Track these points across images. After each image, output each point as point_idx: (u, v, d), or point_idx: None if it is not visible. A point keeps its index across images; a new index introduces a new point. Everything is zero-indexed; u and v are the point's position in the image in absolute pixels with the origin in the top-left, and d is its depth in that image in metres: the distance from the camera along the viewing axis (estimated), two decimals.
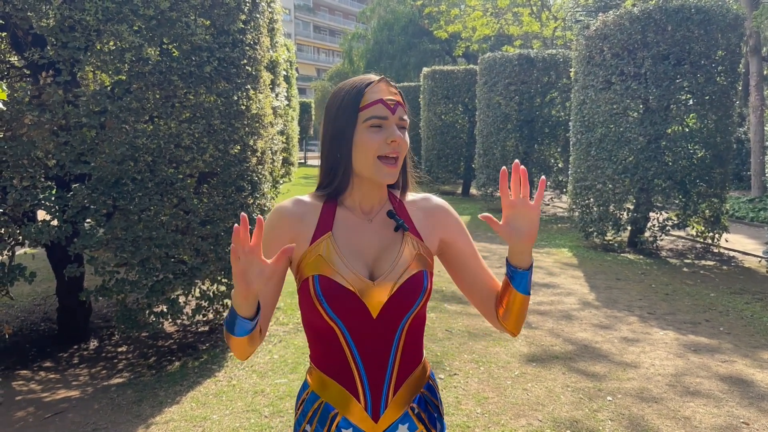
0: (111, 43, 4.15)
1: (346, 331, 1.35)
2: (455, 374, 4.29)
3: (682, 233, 10.37)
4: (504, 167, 1.31)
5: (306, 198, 1.46)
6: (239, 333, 1.28)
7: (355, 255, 1.37)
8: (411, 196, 1.53)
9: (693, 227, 9.08)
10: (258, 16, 4.76)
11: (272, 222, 1.42)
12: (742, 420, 3.63)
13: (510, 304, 1.42)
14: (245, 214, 1.17)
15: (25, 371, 4.33)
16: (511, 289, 1.40)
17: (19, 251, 7.34)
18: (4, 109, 2.64)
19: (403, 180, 1.51)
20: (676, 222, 8.86)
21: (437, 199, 1.54)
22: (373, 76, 1.40)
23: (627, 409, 3.76)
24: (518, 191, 1.33)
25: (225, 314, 5.39)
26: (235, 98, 4.48)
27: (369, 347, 1.37)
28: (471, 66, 16.77)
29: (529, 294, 1.42)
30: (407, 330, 1.39)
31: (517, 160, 1.33)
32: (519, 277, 1.38)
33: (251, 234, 1.22)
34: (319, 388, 1.43)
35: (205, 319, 5.31)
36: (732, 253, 9.02)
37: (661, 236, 9.03)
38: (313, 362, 1.46)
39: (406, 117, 1.40)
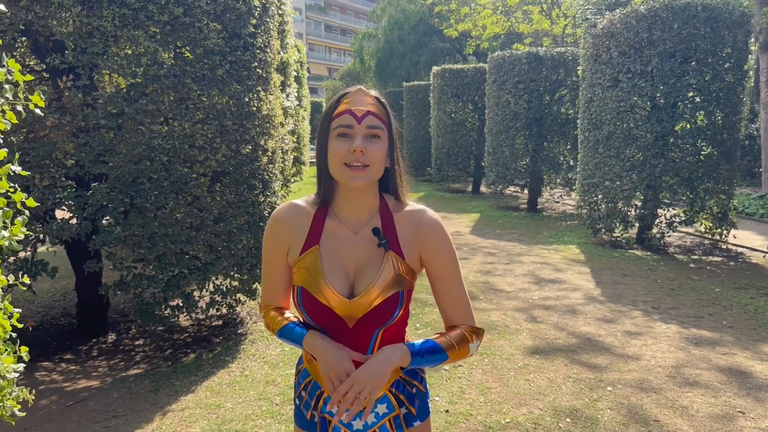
0: (128, 48, 4.32)
1: (327, 333, 1.51)
2: (459, 366, 4.42)
3: (690, 230, 10.42)
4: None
5: (302, 203, 1.58)
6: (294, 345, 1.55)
7: (337, 269, 1.49)
8: (407, 207, 1.56)
9: (701, 223, 9.14)
10: (268, 20, 4.92)
11: (270, 230, 1.57)
12: (738, 409, 3.73)
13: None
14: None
15: (47, 363, 4.52)
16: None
17: (40, 248, 7.56)
18: (42, 114, 2.81)
19: (393, 187, 1.56)
20: (683, 218, 8.91)
21: (430, 216, 1.55)
22: (353, 88, 1.50)
23: (626, 399, 3.87)
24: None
25: (238, 309, 5.56)
26: (247, 100, 4.63)
27: (347, 347, 1.51)
28: (480, 64, 16.85)
29: (441, 362, 1.52)
30: (383, 334, 1.52)
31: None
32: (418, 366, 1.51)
33: None
34: (309, 369, 1.62)
35: (218, 313, 5.48)
36: (740, 249, 9.07)
37: (668, 233, 9.10)
38: None
39: (379, 124, 1.45)
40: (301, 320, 1.57)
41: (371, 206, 1.53)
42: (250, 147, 4.73)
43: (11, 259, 4.32)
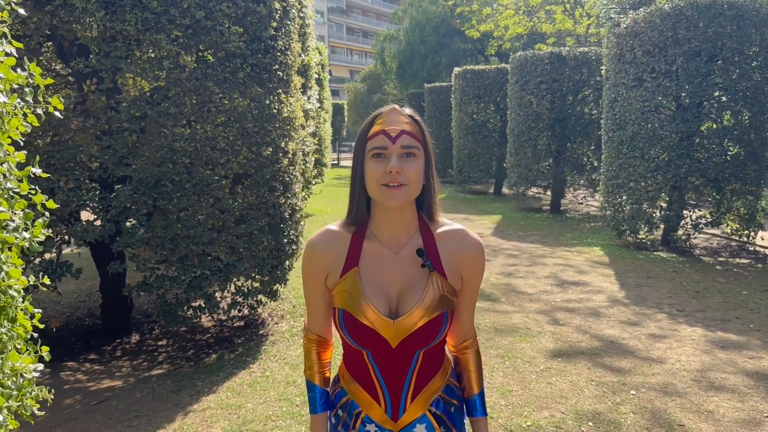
0: (150, 52, 4.37)
1: (369, 354, 1.50)
2: None
3: (716, 231, 10.25)
4: None
5: (336, 228, 1.54)
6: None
7: (378, 291, 1.46)
8: (444, 227, 1.54)
9: (727, 225, 8.98)
10: (289, 22, 4.94)
11: (307, 259, 1.55)
12: (765, 414, 3.65)
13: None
14: None
15: (71, 362, 4.59)
16: (471, 419, 1.66)
17: (65, 250, 7.69)
18: (62, 117, 2.86)
19: (427, 204, 1.53)
20: (709, 220, 8.77)
21: (473, 238, 1.55)
22: (387, 108, 1.47)
23: (650, 403, 3.81)
24: None
25: (259, 310, 5.59)
26: (267, 102, 4.66)
27: (389, 367, 1.50)
28: (502, 65, 16.76)
29: (485, 416, 1.66)
30: (424, 354, 1.51)
31: None
32: (477, 402, 1.64)
33: None
34: (347, 387, 1.60)
35: (240, 314, 5.52)
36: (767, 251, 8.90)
37: (694, 234, 8.96)
38: (344, 364, 1.63)
39: (414, 143, 1.42)
40: (348, 342, 1.54)
41: (409, 225, 1.51)
42: (270, 149, 4.75)
43: (37, 260, 4.39)
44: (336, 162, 36.58)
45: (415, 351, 1.48)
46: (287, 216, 5.06)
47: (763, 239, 9.37)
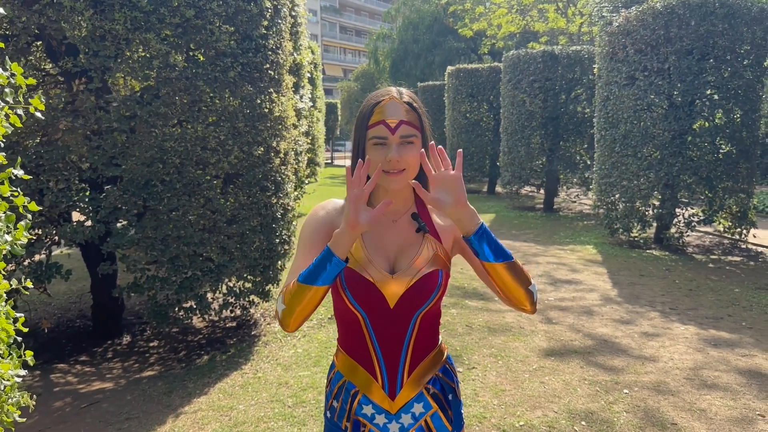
0: (140, 51, 4.34)
1: (366, 318, 1.52)
2: (474, 368, 4.38)
3: (709, 229, 10.27)
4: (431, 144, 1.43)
5: (340, 200, 1.63)
6: (324, 280, 1.37)
7: (378, 250, 1.54)
8: None
9: (720, 223, 9.00)
10: (280, 21, 4.91)
11: (312, 218, 1.60)
12: (758, 412, 3.66)
13: (495, 278, 1.43)
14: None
15: (62, 365, 4.55)
16: (484, 264, 1.42)
17: (56, 251, 7.63)
18: (43, 118, 2.83)
19: (423, 181, 1.58)
20: (702, 218, 8.80)
21: None
22: (385, 94, 1.52)
23: (643, 402, 3.81)
24: (439, 166, 1.40)
25: (252, 310, 5.56)
26: (258, 101, 4.63)
27: (386, 333, 1.53)
28: (495, 64, 16.76)
29: (501, 260, 1.40)
30: (421, 321, 1.54)
31: (431, 142, 1.45)
32: (475, 245, 1.39)
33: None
34: (343, 368, 1.61)
35: (232, 315, 5.50)
36: (760, 249, 8.92)
37: (687, 232, 8.97)
38: (340, 344, 1.65)
39: (413, 132, 1.49)
40: (347, 304, 1.53)
41: (407, 197, 1.60)
42: (262, 149, 4.73)
43: (26, 262, 4.35)
44: (330, 161, 36.49)
45: (412, 314, 1.52)
46: (279, 216, 5.03)
47: (755, 237, 9.40)
